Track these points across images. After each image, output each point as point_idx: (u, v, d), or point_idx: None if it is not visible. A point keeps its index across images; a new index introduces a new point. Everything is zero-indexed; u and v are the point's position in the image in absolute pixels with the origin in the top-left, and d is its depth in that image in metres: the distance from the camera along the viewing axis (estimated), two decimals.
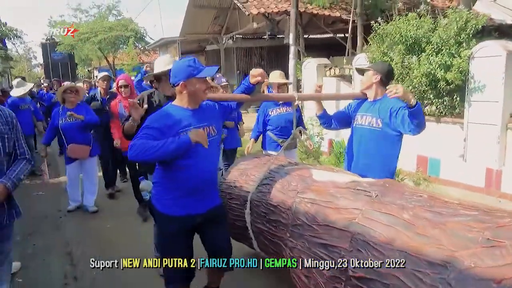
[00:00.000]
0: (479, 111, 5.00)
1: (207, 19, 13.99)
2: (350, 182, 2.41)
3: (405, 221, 1.87)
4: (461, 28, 5.06)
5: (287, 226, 2.51)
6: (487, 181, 4.98)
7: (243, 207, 2.99)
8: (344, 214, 2.15)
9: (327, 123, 3.31)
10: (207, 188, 2.39)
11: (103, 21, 23.51)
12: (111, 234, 4.47)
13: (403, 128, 2.85)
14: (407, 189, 2.22)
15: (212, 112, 2.47)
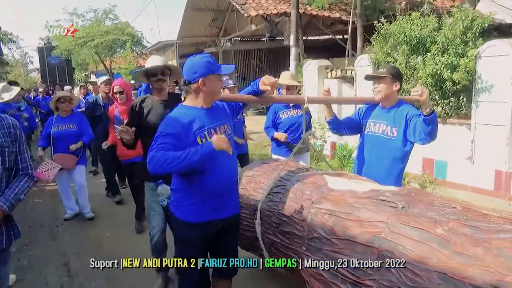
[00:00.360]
0: (487, 112, 4.88)
1: (205, 22, 13.89)
2: (370, 192, 2.24)
3: (440, 237, 1.68)
4: (467, 27, 4.95)
5: (302, 238, 2.35)
6: (496, 184, 4.85)
7: (253, 216, 2.84)
8: (367, 227, 1.97)
9: (337, 128, 3.15)
10: (228, 192, 2.29)
11: (99, 25, 23.39)
12: (110, 244, 4.31)
13: (413, 137, 2.76)
14: (436, 199, 2.03)
15: (223, 111, 2.39)
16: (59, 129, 4.80)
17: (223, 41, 14.19)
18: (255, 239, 2.84)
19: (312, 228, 2.26)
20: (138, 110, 3.05)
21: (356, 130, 3.15)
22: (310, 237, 2.26)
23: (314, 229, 2.24)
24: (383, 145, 2.87)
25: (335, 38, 11.16)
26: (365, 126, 3.02)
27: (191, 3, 12.66)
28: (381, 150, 2.89)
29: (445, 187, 5.40)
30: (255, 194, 2.90)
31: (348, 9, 10.24)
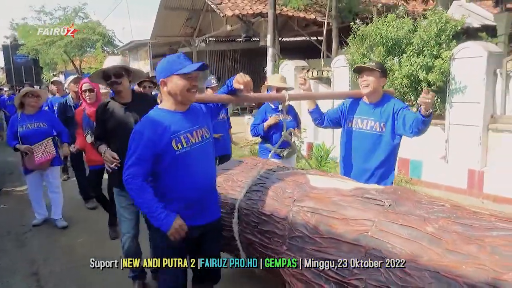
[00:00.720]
0: (460, 113, 4.99)
1: (179, 21, 13.68)
2: (355, 189, 2.19)
3: (430, 235, 1.64)
4: (441, 30, 5.06)
5: (283, 237, 2.27)
6: (469, 182, 4.97)
7: (230, 215, 2.72)
8: (353, 226, 1.91)
9: (319, 119, 3.13)
10: (206, 197, 2.19)
11: (69, 23, 22.72)
12: (83, 250, 4.11)
13: (403, 130, 2.80)
14: (423, 198, 1.99)
15: (201, 113, 2.27)
16: (27, 128, 4.43)
17: (198, 41, 14.03)
18: (232, 238, 2.74)
19: (294, 226, 2.20)
20: (101, 115, 2.91)
21: (338, 124, 3.14)
22: (291, 236, 2.21)
23: (296, 227, 2.18)
24: (373, 141, 2.88)
25: (310, 39, 11.21)
26: (351, 122, 3.00)
27: (165, 2, 12.44)
28: (370, 146, 2.90)
29: (420, 186, 5.49)
30: (232, 193, 2.80)
31: (323, 10, 10.32)
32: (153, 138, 2.00)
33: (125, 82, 2.87)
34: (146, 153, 2.01)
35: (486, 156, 4.85)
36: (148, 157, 2.01)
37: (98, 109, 3.03)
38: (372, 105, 2.91)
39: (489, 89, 4.74)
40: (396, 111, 2.81)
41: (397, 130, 2.83)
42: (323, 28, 9.64)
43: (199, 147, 2.11)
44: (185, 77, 2.02)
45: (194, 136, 2.10)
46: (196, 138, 2.11)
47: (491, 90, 4.76)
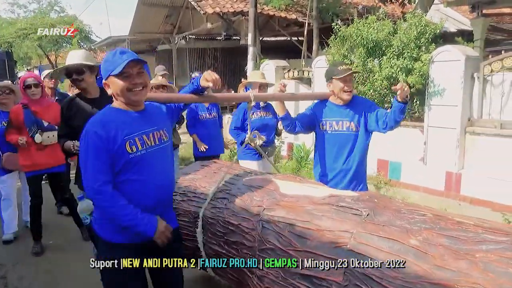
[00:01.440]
0: (438, 115, 5.05)
1: (158, 18, 13.44)
2: (328, 197, 2.06)
3: (414, 249, 1.54)
4: (421, 32, 5.10)
5: (252, 250, 2.11)
6: (447, 184, 5.03)
7: (194, 224, 2.55)
8: (330, 238, 1.79)
9: (291, 126, 3.00)
10: (161, 207, 1.96)
11: (44, 17, 22.10)
12: (54, 253, 3.95)
13: (376, 126, 2.83)
14: (401, 206, 1.90)
15: (159, 114, 2.08)
16: (2, 125, 4.08)
17: (177, 39, 13.82)
18: (196, 249, 2.57)
19: (264, 238, 2.04)
20: (66, 111, 2.76)
21: (310, 128, 3.07)
22: (262, 248, 2.05)
23: (267, 239, 2.03)
24: (352, 141, 2.90)
25: (291, 39, 11.21)
26: (324, 126, 2.95)
27: None
28: (347, 147, 2.90)
29: (399, 187, 5.53)
30: (196, 200, 2.62)
31: (304, 11, 10.32)
32: (107, 138, 1.80)
33: (88, 78, 2.73)
34: (104, 155, 1.80)
35: (464, 158, 4.91)
36: (107, 159, 1.80)
37: (63, 106, 2.87)
38: (343, 106, 2.91)
39: (467, 92, 4.80)
40: (367, 108, 2.88)
41: (369, 127, 2.87)
42: (304, 28, 9.64)
43: (156, 151, 1.91)
44: (122, 77, 1.81)
45: (150, 138, 1.91)
46: (153, 140, 1.91)
47: (468, 93, 4.83)
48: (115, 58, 1.83)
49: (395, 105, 2.68)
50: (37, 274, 3.54)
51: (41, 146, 3.84)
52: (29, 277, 3.49)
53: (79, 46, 20.57)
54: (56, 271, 3.58)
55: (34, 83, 3.83)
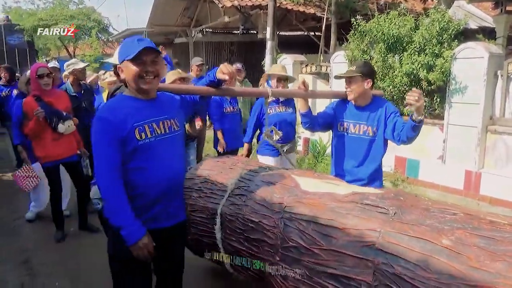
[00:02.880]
0: (459, 113, 4.97)
1: (176, 11, 13.46)
2: (352, 195, 2.00)
3: (448, 249, 1.47)
4: (444, 29, 5.02)
5: (275, 247, 2.08)
6: (466, 184, 4.96)
7: (211, 221, 2.52)
8: (356, 236, 1.73)
9: (310, 123, 2.94)
10: (169, 195, 1.96)
11: (63, 8, 22.36)
12: (74, 239, 4.04)
13: (391, 135, 2.72)
14: (430, 204, 1.81)
15: (172, 103, 2.08)
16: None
17: (194, 32, 13.84)
18: (214, 245, 2.54)
19: (287, 236, 2.00)
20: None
21: (328, 127, 3.03)
22: (284, 245, 2.02)
23: (290, 237, 1.99)
24: (367, 146, 2.82)
25: (309, 34, 11.13)
26: (342, 127, 2.90)
27: None
28: (363, 151, 2.83)
29: (416, 185, 5.48)
30: (213, 197, 2.58)
31: (323, 5, 10.22)
32: (116, 123, 1.81)
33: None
34: (115, 141, 1.81)
35: (484, 157, 4.84)
36: (117, 145, 1.81)
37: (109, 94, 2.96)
38: (362, 109, 2.84)
39: (489, 90, 4.72)
40: (388, 114, 2.76)
41: (386, 135, 2.77)
42: (322, 23, 9.56)
43: (165, 139, 1.92)
44: (136, 63, 1.82)
45: (160, 126, 1.91)
46: (163, 129, 1.92)
47: (491, 91, 4.74)
48: (133, 44, 1.86)
49: (408, 121, 2.54)
50: (58, 260, 3.63)
51: (56, 136, 3.82)
52: (51, 263, 3.58)
53: (98, 38, 20.78)
54: (76, 257, 3.66)
55: (46, 73, 3.79)
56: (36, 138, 3.84)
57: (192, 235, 2.70)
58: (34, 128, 3.74)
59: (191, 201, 2.68)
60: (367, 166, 2.83)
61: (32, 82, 3.84)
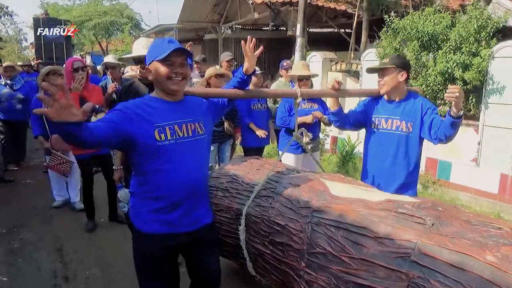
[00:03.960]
0: (496, 114, 4.78)
1: (206, 7, 13.57)
2: (386, 202, 1.91)
3: (492, 266, 1.39)
4: (482, 26, 4.83)
5: (301, 252, 2.03)
6: (501, 187, 4.78)
7: (236, 221, 2.50)
8: (389, 246, 1.65)
9: (341, 121, 2.88)
10: (192, 200, 1.92)
11: (97, 5, 22.98)
12: (104, 230, 4.17)
13: (428, 134, 2.61)
14: (471, 216, 1.73)
15: (199, 107, 2.05)
16: None
17: (224, 28, 13.92)
18: (237, 246, 2.51)
19: (314, 241, 1.95)
20: (125, 95, 2.83)
21: (359, 126, 2.96)
22: (311, 251, 1.96)
23: (317, 242, 1.93)
24: (401, 142, 2.71)
25: (339, 31, 10.97)
26: (373, 123, 2.81)
27: None
28: (396, 147, 2.71)
29: (448, 188, 5.33)
30: (239, 197, 2.55)
31: (354, 2, 10.05)
32: (132, 118, 1.78)
33: None
34: (118, 121, 1.75)
35: None
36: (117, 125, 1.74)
37: (122, 89, 3.01)
38: (396, 103, 2.74)
39: None
40: (425, 110, 2.63)
41: (422, 134, 2.65)
42: (353, 20, 9.40)
43: (188, 142, 1.88)
44: (165, 63, 1.83)
45: (183, 129, 1.88)
46: (185, 132, 1.88)
47: None
48: (162, 44, 1.86)
49: (446, 118, 2.45)
50: (89, 248, 3.75)
51: None
52: (82, 251, 3.70)
53: (130, 34, 21.25)
54: (106, 247, 3.77)
55: (81, 66, 3.89)
56: None
57: None
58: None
59: (216, 200, 2.67)
60: (401, 164, 2.71)
61: (67, 75, 3.96)
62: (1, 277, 3.24)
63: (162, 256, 1.94)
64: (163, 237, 1.89)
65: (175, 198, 1.87)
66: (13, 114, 6.05)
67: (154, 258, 1.93)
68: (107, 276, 3.26)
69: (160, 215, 1.88)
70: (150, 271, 1.96)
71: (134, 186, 1.95)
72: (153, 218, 1.88)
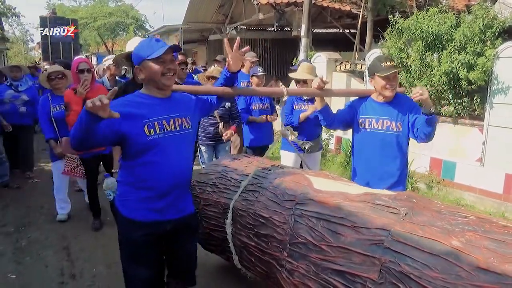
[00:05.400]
0: (501, 114, 4.78)
1: (211, 8, 13.62)
2: (364, 195, 2.01)
3: (457, 250, 1.46)
4: (487, 26, 4.82)
5: (283, 243, 2.12)
6: (505, 187, 4.77)
7: (223, 216, 2.58)
8: (365, 234, 1.74)
9: (328, 120, 2.91)
10: (178, 190, 2.03)
11: (103, 6, 23.14)
12: (111, 229, 4.19)
13: (412, 133, 2.73)
14: (441, 207, 1.82)
15: (187, 103, 2.14)
16: (61, 109, 4.22)
17: (229, 29, 13.95)
18: (224, 240, 2.60)
19: (296, 232, 2.04)
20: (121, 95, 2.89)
21: (347, 125, 2.99)
22: (293, 241, 2.05)
23: (299, 233, 2.02)
24: (391, 142, 2.77)
25: (344, 31, 10.97)
26: (364, 123, 2.85)
27: None
28: (387, 146, 2.78)
29: (452, 188, 5.32)
30: (226, 192, 2.64)
31: (359, 2, 10.05)
32: (123, 113, 1.83)
33: None
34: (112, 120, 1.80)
35: None
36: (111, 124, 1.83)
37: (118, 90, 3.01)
38: (385, 104, 2.79)
39: None
40: (411, 109, 2.74)
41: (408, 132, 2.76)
42: (357, 20, 9.41)
43: (175, 136, 1.98)
44: (157, 62, 1.91)
45: (171, 124, 1.98)
46: (173, 126, 1.99)
47: None
48: (151, 44, 1.95)
49: (421, 117, 2.59)
50: (96, 247, 3.80)
51: None
52: (88, 249, 3.75)
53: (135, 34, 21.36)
54: (112, 245, 3.75)
55: (87, 68, 3.88)
56: None
57: (204, 229, 2.77)
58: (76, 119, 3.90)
59: (205, 195, 2.77)
60: (393, 162, 2.78)
61: (73, 75, 3.98)
62: (10, 275, 3.29)
63: (148, 243, 2.01)
64: (149, 224, 1.99)
65: (163, 188, 1.97)
66: (17, 117, 5.70)
67: (140, 245, 2.01)
68: (113, 273, 3.29)
69: (148, 203, 1.97)
70: (135, 258, 2.04)
71: (122, 175, 2.05)
72: (141, 206, 1.98)
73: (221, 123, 4.40)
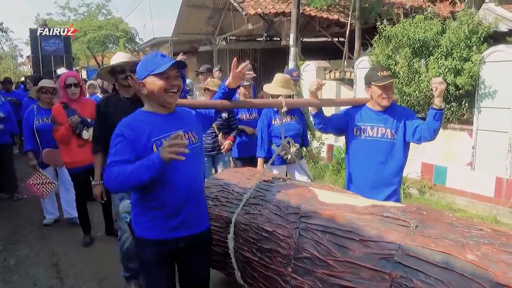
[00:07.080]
0: (489, 118, 4.82)
1: (201, 19, 13.69)
2: (371, 207, 1.93)
3: (472, 264, 1.41)
4: (472, 31, 4.89)
5: (288, 258, 2.04)
6: (496, 191, 4.80)
7: (225, 230, 2.50)
8: (374, 248, 1.68)
9: (323, 124, 2.89)
10: (191, 206, 1.99)
11: (92, 20, 23.15)
12: (101, 244, 4.14)
13: (412, 137, 2.72)
14: (454, 219, 1.76)
15: (189, 117, 2.12)
16: (44, 122, 4.31)
17: (218, 40, 14.02)
18: (226, 255, 2.51)
19: (301, 246, 1.96)
20: (104, 108, 2.88)
21: (341, 131, 2.99)
22: (298, 256, 1.97)
23: (304, 247, 1.94)
24: (387, 149, 2.78)
25: (333, 40, 11.08)
26: (359, 131, 2.85)
27: None
28: (382, 154, 2.78)
29: (444, 192, 5.34)
30: (228, 205, 2.57)
31: (346, 11, 10.18)
32: (133, 139, 1.86)
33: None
34: (127, 154, 1.84)
35: None
36: (129, 150, 1.85)
37: (100, 102, 3.02)
38: (380, 112, 2.81)
39: None
40: (408, 117, 2.77)
41: (407, 138, 2.76)
42: (345, 28, 9.51)
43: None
44: (161, 77, 1.89)
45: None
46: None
47: None
48: (156, 59, 1.93)
49: (430, 112, 2.59)
50: (86, 263, 3.72)
51: (81, 143, 3.93)
52: (78, 266, 3.68)
53: (125, 47, 21.37)
54: (103, 261, 3.74)
55: (74, 83, 3.91)
56: (64, 144, 3.99)
57: None
58: (65, 134, 3.90)
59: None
60: (385, 170, 2.78)
61: (61, 90, 4.02)
62: None
63: (161, 261, 1.99)
64: (162, 242, 1.96)
65: (175, 205, 1.94)
66: None
67: (152, 263, 1.99)
68: None
69: (161, 221, 1.94)
70: (150, 277, 2.02)
71: (135, 198, 2.02)
72: (153, 225, 1.95)
73: (220, 134, 4.39)
